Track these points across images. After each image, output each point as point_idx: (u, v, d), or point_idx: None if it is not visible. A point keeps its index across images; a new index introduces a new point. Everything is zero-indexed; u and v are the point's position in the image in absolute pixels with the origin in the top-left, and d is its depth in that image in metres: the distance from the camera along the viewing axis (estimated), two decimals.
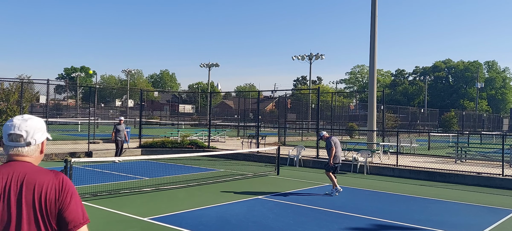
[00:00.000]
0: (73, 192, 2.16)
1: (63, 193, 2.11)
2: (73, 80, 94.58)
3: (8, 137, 2.19)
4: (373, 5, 22.01)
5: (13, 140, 2.18)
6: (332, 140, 11.70)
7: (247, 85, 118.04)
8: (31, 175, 2.09)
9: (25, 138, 2.19)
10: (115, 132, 18.05)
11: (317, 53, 51.61)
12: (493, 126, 64.33)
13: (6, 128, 2.21)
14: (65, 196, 2.11)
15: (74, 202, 2.13)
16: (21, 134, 2.18)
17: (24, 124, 2.21)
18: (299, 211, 9.45)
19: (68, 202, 2.10)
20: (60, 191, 2.10)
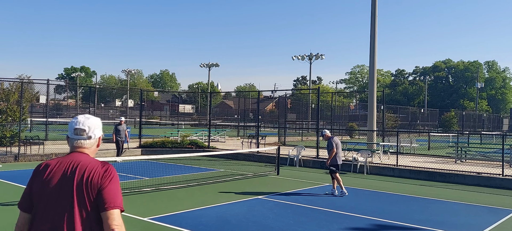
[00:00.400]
0: (113, 178, 2.58)
1: (105, 177, 2.55)
2: (73, 80, 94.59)
3: (73, 131, 2.69)
4: (373, 5, 22.01)
5: (77, 133, 2.69)
6: (334, 140, 11.57)
7: (247, 85, 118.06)
8: (84, 162, 2.59)
9: (87, 132, 2.70)
10: (116, 132, 18.08)
11: (317, 53, 51.61)
12: (493, 126, 64.33)
13: (72, 123, 2.71)
14: (105, 180, 2.54)
15: (112, 187, 2.54)
16: (84, 129, 2.69)
17: (87, 121, 2.72)
18: (299, 211, 9.45)
19: (106, 185, 2.52)
20: (102, 176, 2.55)
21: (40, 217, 2.50)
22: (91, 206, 2.48)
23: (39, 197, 2.52)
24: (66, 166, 2.57)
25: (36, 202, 2.53)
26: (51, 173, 2.54)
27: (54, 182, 2.52)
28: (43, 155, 18.00)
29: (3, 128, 18.63)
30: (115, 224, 2.46)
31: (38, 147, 19.15)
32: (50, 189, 2.50)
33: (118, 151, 18.28)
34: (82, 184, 2.50)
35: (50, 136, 25.68)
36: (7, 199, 9.93)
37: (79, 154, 2.66)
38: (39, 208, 2.51)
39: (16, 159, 16.96)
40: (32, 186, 2.58)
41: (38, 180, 2.57)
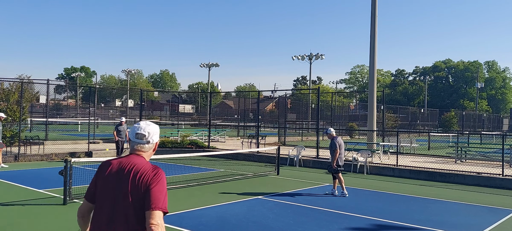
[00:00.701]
0: (160, 181, 2.84)
1: (153, 180, 2.81)
2: (73, 80, 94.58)
3: (135, 135, 3.04)
4: (373, 5, 22.01)
5: (138, 138, 3.03)
6: (338, 141, 11.44)
7: (247, 85, 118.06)
8: (139, 164, 2.90)
9: (146, 137, 3.04)
10: (117, 133, 18.08)
11: (317, 53, 51.60)
12: (493, 126, 64.33)
13: (135, 128, 3.07)
14: (153, 182, 2.81)
15: (158, 189, 2.80)
16: (145, 134, 3.03)
17: (147, 128, 3.07)
18: (299, 211, 9.44)
19: (153, 187, 2.79)
20: (151, 178, 2.82)
21: (100, 207, 2.90)
22: (140, 203, 2.79)
23: (100, 191, 2.93)
24: (124, 165, 2.91)
25: (98, 195, 2.93)
26: (111, 171, 2.93)
27: (113, 179, 2.89)
28: (43, 155, 18.00)
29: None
30: (154, 223, 2.70)
31: (38, 147, 19.15)
32: (109, 185, 2.89)
33: (118, 151, 18.27)
34: (135, 183, 2.82)
35: (50, 136, 25.69)
36: (7, 199, 9.93)
37: (137, 156, 3.00)
38: (100, 200, 2.91)
39: (16, 159, 16.96)
40: (96, 181, 3.01)
41: (100, 175, 2.98)
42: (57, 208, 9.14)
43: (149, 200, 2.75)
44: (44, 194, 10.64)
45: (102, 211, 2.88)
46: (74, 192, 9.89)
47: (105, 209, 2.86)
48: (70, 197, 9.52)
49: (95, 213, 2.92)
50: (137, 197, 2.79)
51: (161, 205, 2.77)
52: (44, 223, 7.93)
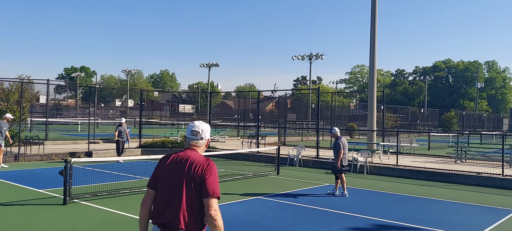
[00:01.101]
0: (212, 172, 3.31)
1: (206, 170, 3.30)
2: (73, 80, 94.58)
3: (190, 132, 3.54)
4: (373, 5, 22.00)
5: (193, 134, 3.53)
6: (342, 141, 11.41)
7: (247, 85, 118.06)
8: (193, 157, 3.38)
9: (200, 134, 3.52)
10: (118, 133, 18.14)
11: (317, 53, 51.61)
12: (493, 126, 64.32)
13: (190, 126, 3.56)
14: (207, 173, 3.28)
15: (211, 179, 3.28)
16: (198, 131, 3.52)
17: (201, 126, 3.55)
18: (299, 211, 9.44)
19: (208, 178, 3.27)
20: (205, 169, 3.30)
21: (160, 193, 3.37)
22: (195, 191, 3.26)
23: (160, 180, 3.40)
24: (181, 158, 3.40)
25: (159, 183, 3.40)
26: (170, 162, 3.41)
27: (172, 169, 3.37)
28: (43, 155, 18.00)
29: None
30: (213, 210, 3.23)
31: (38, 147, 19.15)
32: (168, 174, 3.36)
33: (118, 151, 18.27)
34: (190, 173, 3.29)
35: (50, 135, 25.69)
36: (7, 199, 9.93)
37: (192, 151, 3.49)
38: (160, 187, 3.38)
39: (16, 159, 16.96)
40: (157, 171, 3.47)
41: (161, 166, 3.45)
42: (57, 208, 9.14)
43: (206, 189, 3.24)
44: (44, 194, 10.64)
45: (161, 197, 3.37)
46: (74, 192, 9.89)
47: (164, 195, 3.34)
48: (70, 197, 9.52)
49: (157, 198, 3.41)
50: (192, 185, 3.27)
51: (216, 192, 3.29)
52: (44, 223, 7.93)
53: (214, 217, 3.23)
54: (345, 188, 11.46)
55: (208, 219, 3.26)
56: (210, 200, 3.23)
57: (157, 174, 3.46)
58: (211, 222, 3.26)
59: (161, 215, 3.33)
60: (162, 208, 3.33)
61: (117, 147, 18.30)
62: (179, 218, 3.26)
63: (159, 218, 3.35)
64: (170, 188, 3.32)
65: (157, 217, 3.37)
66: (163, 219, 3.32)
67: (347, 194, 11.39)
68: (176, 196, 3.29)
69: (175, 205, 3.28)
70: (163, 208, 3.33)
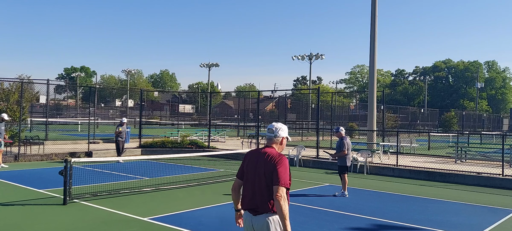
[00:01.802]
0: (283, 164, 3.91)
1: (278, 162, 3.91)
2: (73, 80, 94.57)
3: (268, 130, 4.23)
4: (373, 5, 22.00)
5: (270, 132, 4.19)
6: (346, 141, 11.42)
7: (247, 85, 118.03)
8: (270, 152, 4.05)
9: (275, 132, 4.18)
10: (118, 132, 18.13)
11: (317, 53, 51.63)
12: (493, 126, 64.34)
13: (269, 126, 4.25)
14: (278, 164, 3.90)
15: (281, 170, 3.87)
16: (273, 129, 4.19)
17: (277, 126, 4.23)
18: (299, 211, 9.44)
19: (278, 168, 3.88)
20: (276, 161, 3.92)
21: (246, 182, 4.11)
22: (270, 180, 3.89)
23: (246, 171, 4.13)
24: (262, 153, 4.07)
25: (245, 174, 4.13)
26: (253, 157, 4.13)
27: (254, 162, 4.07)
28: (43, 155, 18.00)
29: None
30: (278, 195, 3.76)
31: (38, 147, 19.15)
32: (251, 166, 4.08)
33: (118, 151, 18.27)
34: (266, 165, 3.95)
35: (50, 135, 25.69)
36: (7, 199, 9.93)
37: (270, 147, 4.14)
38: (246, 177, 4.12)
39: (16, 159, 16.96)
40: (243, 164, 4.21)
41: (247, 159, 4.19)
42: (57, 208, 9.14)
43: (276, 178, 3.84)
44: (44, 194, 10.64)
45: (247, 185, 4.10)
46: (74, 192, 9.90)
47: (250, 184, 4.06)
48: (70, 197, 9.52)
49: (243, 187, 4.16)
50: (268, 175, 3.91)
51: (283, 182, 3.83)
52: (44, 223, 7.93)
53: (279, 201, 3.75)
54: (346, 188, 11.45)
55: (275, 203, 3.82)
56: (277, 187, 3.80)
57: (243, 166, 4.20)
58: (277, 206, 3.78)
59: (248, 201, 4.07)
60: (249, 196, 4.06)
61: (117, 147, 18.30)
62: (261, 203, 3.96)
63: (247, 204, 4.09)
64: (253, 178, 4.03)
65: (245, 203, 4.12)
66: (250, 204, 4.05)
67: (347, 194, 11.39)
68: (257, 184, 3.98)
69: (258, 192, 3.98)
70: (249, 196, 4.05)
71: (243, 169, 4.18)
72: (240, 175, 4.23)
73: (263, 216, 3.95)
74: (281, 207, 3.73)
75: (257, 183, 3.97)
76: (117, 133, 18.11)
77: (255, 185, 3.99)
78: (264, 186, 3.92)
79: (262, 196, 3.94)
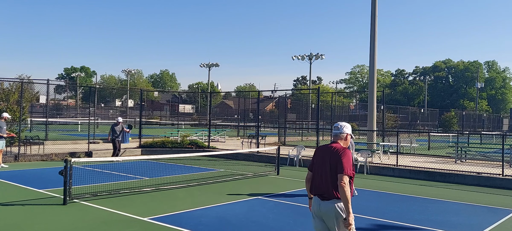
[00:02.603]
0: (346, 156, 4.64)
1: (341, 154, 4.66)
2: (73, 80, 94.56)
3: (335, 128, 4.99)
4: (373, 5, 21.99)
5: (336, 129, 4.96)
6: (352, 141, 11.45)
7: (247, 85, 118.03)
8: (336, 147, 4.79)
9: (340, 129, 4.97)
10: (112, 132, 18.01)
11: (317, 53, 51.62)
12: (493, 126, 64.34)
13: (335, 124, 5.05)
14: (341, 155, 4.64)
15: (344, 160, 4.59)
16: (339, 127, 4.98)
17: (342, 124, 5.01)
18: (299, 211, 9.44)
19: (342, 159, 4.60)
20: (340, 153, 4.66)
21: (316, 173, 4.85)
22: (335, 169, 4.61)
23: (316, 164, 4.88)
24: (329, 148, 4.80)
25: (315, 166, 4.88)
26: (322, 151, 4.89)
27: (323, 155, 4.83)
28: (43, 155, 17.99)
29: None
30: (342, 182, 4.48)
31: (38, 147, 19.14)
32: (320, 159, 4.84)
33: (115, 150, 18.18)
34: (332, 157, 4.69)
35: (50, 135, 25.69)
36: (7, 199, 9.93)
37: (336, 143, 4.87)
38: (316, 169, 4.86)
39: (16, 159, 16.96)
40: (313, 158, 4.96)
41: (316, 154, 4.94)
42: (57, 208, 9.15)
43: (340, 167, 4.54)
44: (44, 194, 10.64)
45: (316, 175, 4.83)
46: (74, 192, 9.89)
47: (318, 174, 4.79)
48: (70, 197, 9.52)
49: (313, 177, 4.88)
50: (333, 166, 4.62)
51: (346, 171, 4.53)
52: (44, 223, 7.93)
53: (343, 187, 4.46)
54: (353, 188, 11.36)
55: (339, 189, 4.52)
56: (341, 175, 4.51)
57: (314, 160, 4.95)
58: (341, 191, 4.49)
59: (317, 188, 4.80)
60: (318, 184, 4.79)
61: (113, 147, 18.16)
62: (329, 189, 4.66)
63: (316, 190, 4.82)
64: (321, 169, 4.76)
65: (315, 189, 4.83)
66: (318, 191, 4.78)
67: (356, 193, 11.32)
68: (325, 174, 4.71)
69: (325, 181, 4.70)
70: (318, 184, 4.79)
71: (313, 162, 4.92)
72: (311, 167, 4.95)
73: (330, 202, 4.67)
74: (344, 193, 4.45)
75: (325, 173, 4.71)
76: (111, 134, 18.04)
77: (323, 175, 4.73)
78: (330, 175, 4.64)
79: (329, 184, 4.65)
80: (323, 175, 4.71)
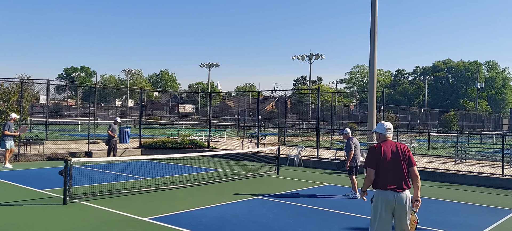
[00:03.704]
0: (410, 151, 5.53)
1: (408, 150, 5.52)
2: (73, 80, 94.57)
3: (386, 130, 5.68)
4: (373, 5, 21.99)
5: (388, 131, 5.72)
6: (353, 141, 11.36)
7: (247, 85, 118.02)
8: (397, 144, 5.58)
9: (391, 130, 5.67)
10: (111, 131, 17.95)
11: (317, 53, 51.61)
12: (493, 126, 64.34)
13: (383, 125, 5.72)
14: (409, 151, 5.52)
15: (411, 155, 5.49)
16: (390, 128, 5.68)
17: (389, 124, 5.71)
18: (299, 211, 9.44)
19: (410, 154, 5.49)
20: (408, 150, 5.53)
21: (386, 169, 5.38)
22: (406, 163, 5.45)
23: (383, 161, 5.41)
24: (393, 145, 5.52)
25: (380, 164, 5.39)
26: (387, 149, 5.45)
27: (389, 152, 5.44)
28: (43, 155, 17.99)
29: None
30: (416, 173, 5.51)
31: (38, 147, 19.14)
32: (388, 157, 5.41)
33: (110, 150, 17.94)
34: (402, 153, 5.47)
35: (50, 135, 25.68)
36: (7, 199, 9.93)
37: (390, 140, 5.61)
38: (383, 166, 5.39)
39: (16, 159, 16.96)
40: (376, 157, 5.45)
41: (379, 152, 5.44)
42: (57, 208, 9.15)
43: (411, 161, 5.48)
44: (44, 194, 10.64)
45: (388, 171, 5.37)
46: (74, 192, 9.89)
47: (391, 170, 5.36)
48: (70, 197, 9.52)
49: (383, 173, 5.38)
50: (405, 160, 5.43)
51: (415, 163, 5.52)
52: (44, 223, 7.93)
53: (418, 176, 5.52)
54: (356, 189, 11.32)
55: (415, 178, 5.49)
56: (414, 167, 5.48)
57: (376, 159, 5.42)
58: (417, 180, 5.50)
59: (392, 182, 5.31)
60: (392, 178, 5.32)
61: (109, 146, 17.94)
62: (403, 182, 5.36)
63: (391, 184, 5.32)
64: (394, 164, 5.35)
65: (390, 183, 5.32)
66: (393, 184, 5.31)
67: (358, 195, 11.22)
68: (399, 169, 5.36)
69: (400, 175, 5.36)
70: (392, 178, 5.32)
71: (377, 160, 5.40)
72: (374, 165, 5.42)
73: (405, 192, 5.36)
74: (419, 181, 5.53)
75: (399, 167, 5.36)
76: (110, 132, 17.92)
77: (397, 170, 5.35)
78: (403, 169, 5.36)
79: (403, 176, 5.35)
80: (398, 170, 5.34)
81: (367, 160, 5.50)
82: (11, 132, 15.35)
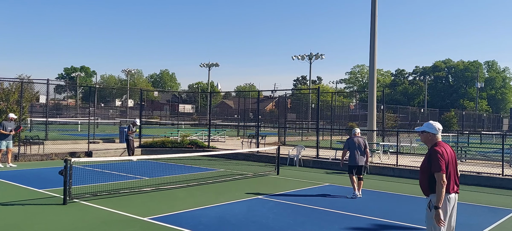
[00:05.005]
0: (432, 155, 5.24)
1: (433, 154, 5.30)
2: (73, 80, 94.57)
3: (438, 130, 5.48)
4: (373, 5, 21.99)
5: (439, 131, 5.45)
6: (348, 141, 11.35)
7: (247, 85, 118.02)
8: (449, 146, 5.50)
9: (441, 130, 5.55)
10: (130, 132, 19.09)
11: (317, 53, 51.61)
12: (493, 125, 64.33)
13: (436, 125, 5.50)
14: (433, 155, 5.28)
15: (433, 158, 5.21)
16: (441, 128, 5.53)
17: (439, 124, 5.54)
18: (299, 211, 9.44)
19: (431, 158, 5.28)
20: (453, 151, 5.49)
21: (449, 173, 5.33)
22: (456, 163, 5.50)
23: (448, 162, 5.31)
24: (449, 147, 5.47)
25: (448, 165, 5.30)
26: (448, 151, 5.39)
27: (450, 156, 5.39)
28: (43, 155, 17.99)
29: None
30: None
31: (38, 147, 19.14)
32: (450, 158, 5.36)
33: (129, 150, 19.07)
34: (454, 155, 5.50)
35: (50, 135, 25.68)
36: (7, 199, 9.93)
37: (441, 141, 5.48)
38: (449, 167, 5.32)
39: (16, 159, 16.95)
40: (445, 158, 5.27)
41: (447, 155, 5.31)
42: (57, 208, 9.14)
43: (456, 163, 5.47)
44: (44, 194, 10.64)
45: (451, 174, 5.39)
46: (74, 192, 9.89)
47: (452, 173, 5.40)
48: (70, 197, 9.52)
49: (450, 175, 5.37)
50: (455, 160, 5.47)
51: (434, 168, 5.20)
52: (44, 223, 7.93)
53: None
54: (356, 189, 11.30)
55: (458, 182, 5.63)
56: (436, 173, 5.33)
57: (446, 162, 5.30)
58: None
59: (455, 185, 5.50)
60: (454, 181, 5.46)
61: (128, 146, 19.04)
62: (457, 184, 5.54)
63: (454, 188, 5.51)
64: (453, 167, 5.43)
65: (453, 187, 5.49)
66: (456, 187, 5.53)
67: (359, 195, 11.20)
68: (456, 172, 5.51)
69: (457, 178, 5.52)
70: (454, 181, 5.46)
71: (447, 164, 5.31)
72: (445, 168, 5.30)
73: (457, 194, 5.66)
74: None
75: (456, 170, 5.49)
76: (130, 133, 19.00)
77: (455, 173, 5.50)
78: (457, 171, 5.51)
79: (457, 179, 5.53)
80: (456, 172, 5.51)
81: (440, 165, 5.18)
82: (6, 131, 15.22)
